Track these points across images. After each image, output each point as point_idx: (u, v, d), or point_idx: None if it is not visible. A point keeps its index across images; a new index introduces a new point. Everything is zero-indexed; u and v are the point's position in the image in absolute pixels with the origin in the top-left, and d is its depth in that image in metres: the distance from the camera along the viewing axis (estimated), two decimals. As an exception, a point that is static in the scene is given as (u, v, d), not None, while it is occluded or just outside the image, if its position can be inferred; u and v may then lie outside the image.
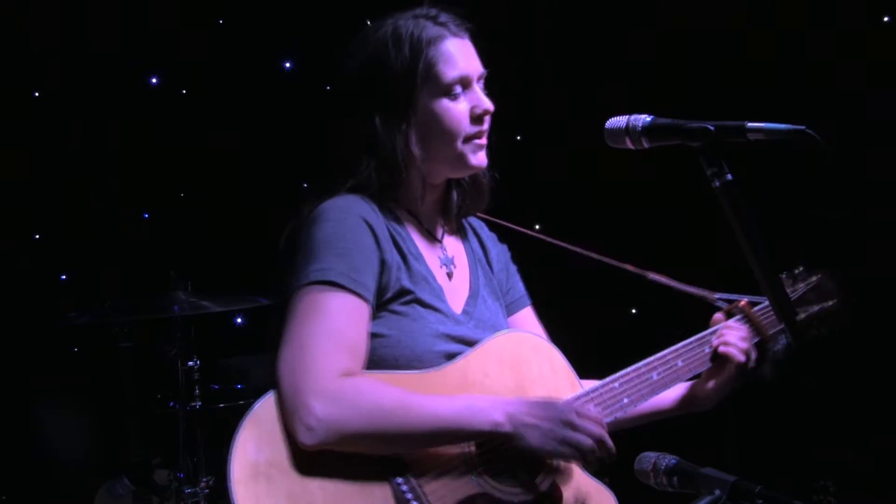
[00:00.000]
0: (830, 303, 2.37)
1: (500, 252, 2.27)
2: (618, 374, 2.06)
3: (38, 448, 4.48)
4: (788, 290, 2.32)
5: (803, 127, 1.51)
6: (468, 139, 2.01)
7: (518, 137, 4.74)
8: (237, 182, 4.85)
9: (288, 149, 4.70)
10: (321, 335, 1.80)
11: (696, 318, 2.26)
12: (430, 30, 2.01)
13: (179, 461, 3.62)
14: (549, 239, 2.31)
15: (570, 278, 3.83)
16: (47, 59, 4.58)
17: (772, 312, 2.21)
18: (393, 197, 2.04)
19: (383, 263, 1.93)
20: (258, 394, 1.82)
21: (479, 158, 2.03)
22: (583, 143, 2.95)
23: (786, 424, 3.99)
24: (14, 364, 4.54)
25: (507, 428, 1.82)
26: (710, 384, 2.19)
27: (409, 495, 1.80)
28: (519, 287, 2.28)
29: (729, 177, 1.56)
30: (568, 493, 1.96)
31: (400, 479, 1.81)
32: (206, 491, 3.62)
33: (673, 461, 1.78)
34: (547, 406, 1.88)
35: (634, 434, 2.15)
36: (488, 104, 2.02)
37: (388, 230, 1.97)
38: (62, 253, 4.67)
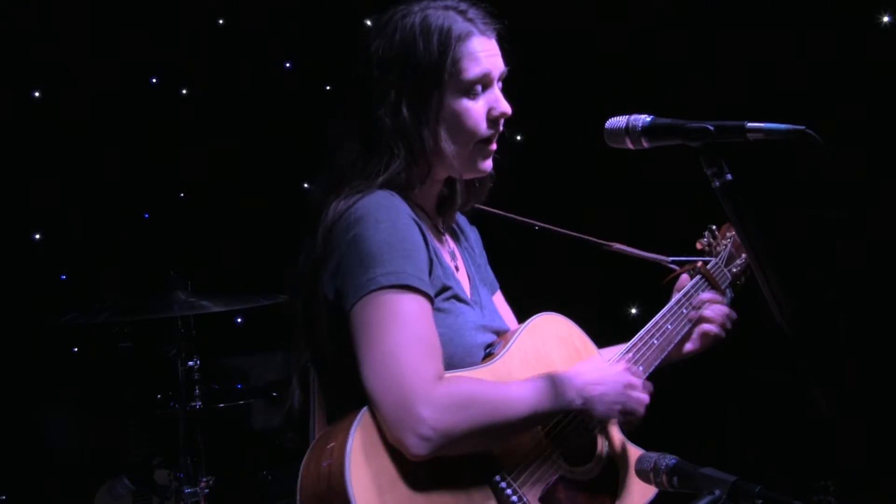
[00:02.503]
0: (745, 254, 2.53)
1: (476, 237, 2.30)
2: (629, 345, 2.16)
3: (38, 448, 4.48)
4: (717, 251, 2.51)
5: (803, 127, 1.51)
6: (481, 142, 1.99)
7: (518, 137, 4.75)
8: (237, 182, 4.86)
9: (288, 148, 4.70)
10: (410, 342, 1.76)
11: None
12: (460, 25, 1.96)
13: (179, 461, 3.62)
14: (513, 216, 2.36)
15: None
16: (47, 59, 4.59)
17: (720, 268, 2.45)
18: (411, 195, 1.99)
19: (431, 262, 1.92)
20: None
21: (487, 164, 2.02)
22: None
23: (786, 424, 3.99)
24: (14, 364, 4.55)
25: (578, 403, 1.90)
26: (685, 349, 2.30)
27: (509, 491, 1.83)
28: (490, 271, 2.30)
29: (729, 177, 1.56)
30: (619, 460, 2.06)
31: (497, 478, 1.84)
32: (206, 491, 3.62)
33: (673, 461, 1.78)
34: (608, 371, 1.99)
35: (634, 434, 2.17)
36: (506, 107, 1.99)
37: (422, 227, 1.95)
38: (62, 253, 4.67)
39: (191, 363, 3.72)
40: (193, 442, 3.66)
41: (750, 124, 1.55)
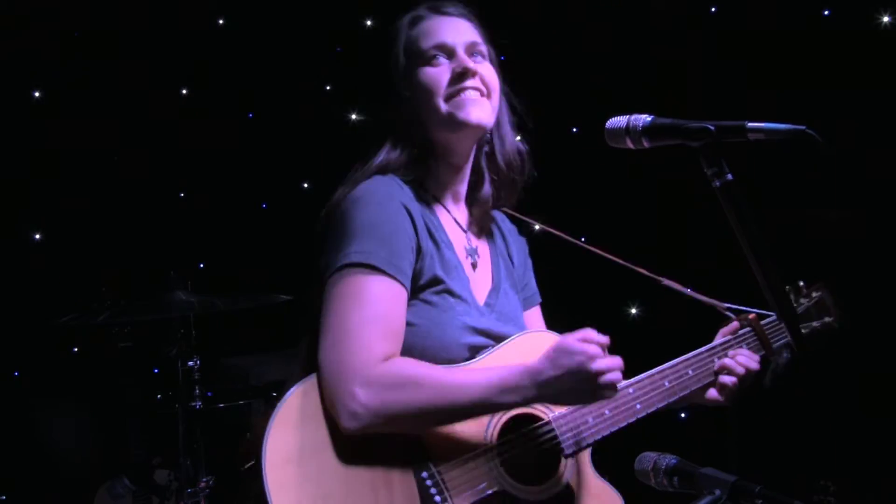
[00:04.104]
0: (828, 318, 2.47)
1: (520, 246, 2.30)
2: (633, 380, 2.07)
3: (38, 448, 4.48)
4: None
5: (803, 127, 1.51)
6: (450, 97, 2.04)
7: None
8: (237, 182, 4.85)
9: (288, 148, 4.70)
10: (365, 321, 1.82)
11: (705, 323, 2.31)
12: (411, 16, 2.14)
13: (179, 461, 3.62)
14: (568, 238, 2.33)
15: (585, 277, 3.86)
16: (47, 59, 4.59)
17: (777, 327, 2.30)
18: (422, 184, 2.08)
19: (419, 250, 1.95)
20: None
21: (467, 111, 2.03)
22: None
23: (786, 424, 3.99)
24: (14, 364, 4.55)
25: (532, 393, 1.83)
26: (709, 396, 2.22)
27: (434, 490, 1.82)
28: (532, 283, 2.31)
29: (729, 177, 1.56)
30: (580, 492, 1.98)
31: (425, 473, 1.83)
32: (207, 491, 3.62)
33: (673, 461, 1.78)
34: (564, 359, 1.84)
35: (634, 434, 2.16)
36: (467, 62, 2.05)
37: (423, 217, 2.00)
38: (62, 253, 4.67)
39: (191, 363, 3.72)
40: (193, 442, 3.66)
41: (750, 124, 1.55)
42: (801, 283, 2.49)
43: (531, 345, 1.99)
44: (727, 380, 2.19)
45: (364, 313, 1.82)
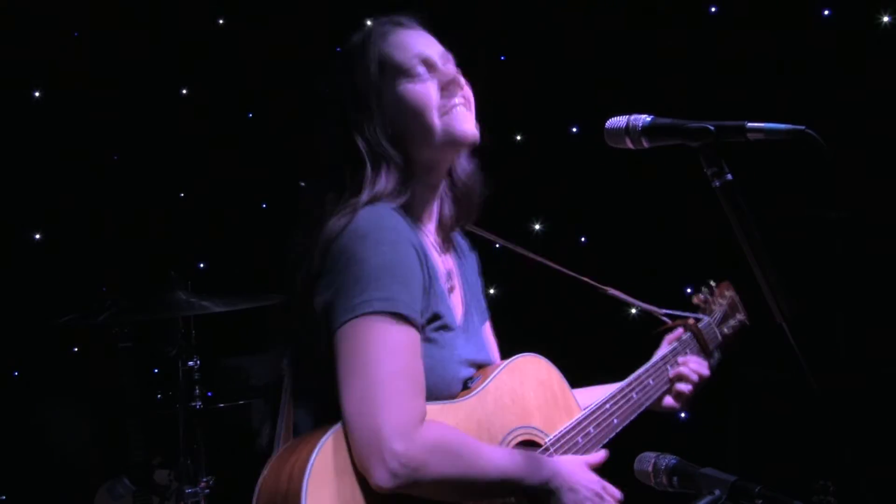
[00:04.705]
0: (740, 316, 2.63)
1: (473, 262, 2.24)
2: (607, 396, 2.17)
3: (38, 448, 4.48)
4: (711, 309, 2.57)
5: (803, 127, 1.51)
6: (444, 111, 1.96)
7: (518, 138, 4.75)
8: (237, 182, 4.85)
9: (288, 148, 4.70)
10: (398, 374, 1.73)
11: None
12: (378, 30, 2.02)
13: (179, 461, 3.62)
14: (516, 248, 2.36)
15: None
16: (45, 59, 4.59)
17: (711, 328, 2.51)
18: (408, 209, 1.96)
19: (426, 288, 1.87)
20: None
21: (463, 127, 1.97)
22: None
23: (786, 424, 3.99)
24: (14, 364, 4.55)
25: (550, 487, 1.89)
26: (665, 404, 2.36)
27: None
28: (483, 299, 2.24)
29: (729, 177, 1.56)
30: None
31: None
32: (206, 491, 3.62)
33: (673, 461, 1.78)
34: (585, 475, 1.97)
35: (634, 434, 2.18)
36: (456, 74, 1.98)
37: (421, 249, 1.90)
38: (62, 253, 4.67)
39: (191, 363, 3.72)
40: (193, 442, 3.66)
41: (750, 124, 1.55)
42: (712, 284, 2.62)
43: (524, 369, 2.06)
44: (683, 388, 2.34)
45: (395, 364, 1.74)
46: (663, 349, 2.41)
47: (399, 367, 1.74)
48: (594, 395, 2.20)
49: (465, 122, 1.97)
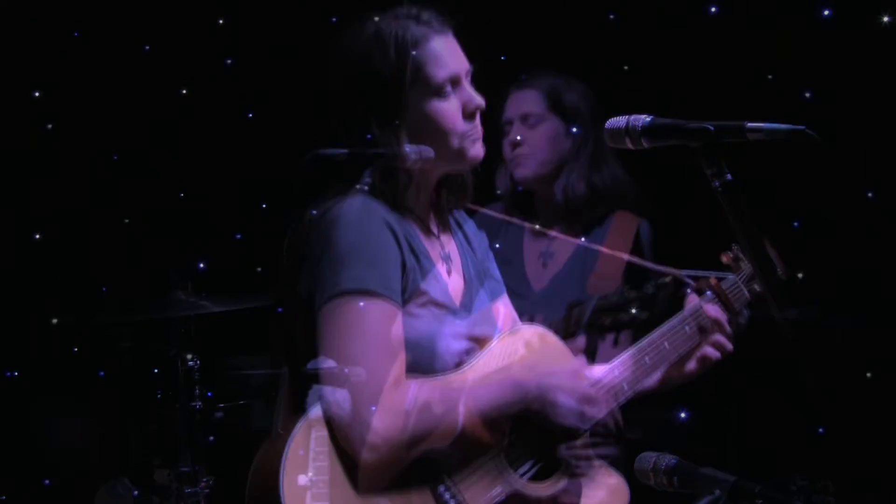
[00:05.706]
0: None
1: (480, 240, 2.29)
2: (617, 361, 2.13)
3: (38, 448, 4.47)
4: (739, 267, 2.42)
5: (803, 127, 1.52)
6: (463, 136, 2.02)
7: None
8: (237, 182, 4.85)
9: (287, 148, 4.70)
10: (370, 349, 1.80)
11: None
12: (414, 30, 2.01)
13: (179, 461, 3.62)
14: (521, 222, 2.38)
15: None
16: (45, 59, 4.59)
17: (738, 286, 2.38)
18: (394, 198, 2.02)
19: (404, 266, 1.93)
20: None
21: (478, 150, 2.05)
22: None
23: (786, 424, 3.99)
24: (14, 364, 4.54)
25: (536, 406, 1.90)
26: (688, 369, 2.28)
27: (447, 495, 1.84)
28: (496, 274, 2.29)
29: (728, 177, 1.56)
30: (587, 481, 2.04)
31: (442, 488, 1.84)
32: (206, 491, 3.62)
33: (673, 461, 1.79)
34: (568, 380, 1.96)
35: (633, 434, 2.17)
36: (480, 100, 2.04)
37: (402, 230, 1.97)
38: (62, 253, 4.67)
39: (191, 363, 3.72)
40: (193, 442, 3.66)
41: (750, 124, 1.56)
42: (735, 247, 2.47)
43: (513, 346, 2.06)
44: (710, 352, 2.26)
45: (367, 340, 1.80)
46: (682, 312, 2.32)
47: (372, 342, 1.80)
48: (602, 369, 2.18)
49: (481, 148, 2.07)
